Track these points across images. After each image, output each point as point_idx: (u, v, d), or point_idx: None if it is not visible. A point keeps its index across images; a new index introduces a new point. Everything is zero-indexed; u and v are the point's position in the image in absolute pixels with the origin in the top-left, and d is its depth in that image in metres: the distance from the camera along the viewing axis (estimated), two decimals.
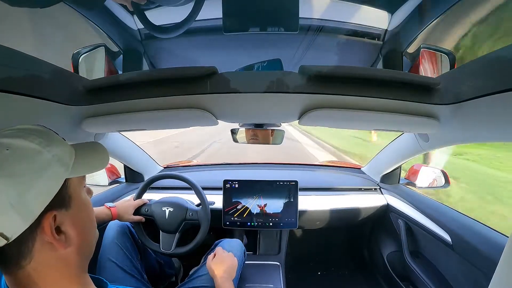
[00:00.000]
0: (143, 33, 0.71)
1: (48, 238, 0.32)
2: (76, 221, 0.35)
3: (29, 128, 0.34)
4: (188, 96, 0.51)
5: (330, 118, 0.61)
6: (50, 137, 0.35)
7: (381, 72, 0.50)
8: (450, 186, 1.17)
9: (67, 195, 0.34)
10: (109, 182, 1.28)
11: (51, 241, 0.32)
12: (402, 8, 0.61)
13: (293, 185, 1.17)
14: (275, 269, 1.13)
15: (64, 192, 0.34)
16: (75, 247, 0.35)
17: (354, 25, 0.67)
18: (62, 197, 0.34)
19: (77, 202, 0.36)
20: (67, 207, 0.34)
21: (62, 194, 0.33)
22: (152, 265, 1.05)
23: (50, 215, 0.32)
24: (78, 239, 0.35)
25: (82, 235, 0.37)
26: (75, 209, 0.35)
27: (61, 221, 0.33)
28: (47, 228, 0.31)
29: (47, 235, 0.31)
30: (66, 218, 0.34)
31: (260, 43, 0.71)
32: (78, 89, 0.53)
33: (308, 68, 0.46)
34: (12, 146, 0.30)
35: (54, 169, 0.32)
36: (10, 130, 0.33)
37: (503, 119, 0.45)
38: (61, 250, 0.33)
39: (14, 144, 0.30)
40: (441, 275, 0.99)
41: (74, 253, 0.35)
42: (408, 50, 0.69)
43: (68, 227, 0.34)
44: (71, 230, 0.34)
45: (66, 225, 0.34)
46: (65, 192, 0.34)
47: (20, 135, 0.32)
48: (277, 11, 0.51)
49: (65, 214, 0.34)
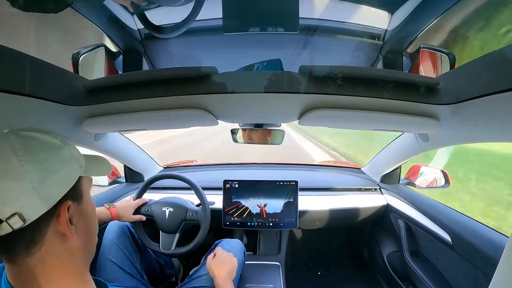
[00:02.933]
0: (143, 33, 0.71)
1: (62, 227, 0.34)
2: (84, 216, 0.39)
3: (46, 129, 0.37)
4: (188, 96, 0.51)
5: (330, 118, 0.61)
6: (67, 140, 0.38)
7: (381, 72, 0.50)
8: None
9: (80, 190, 0.38)
10: (109, 182, 1.28)
11: (63, 230, 0.34)
12: (402, 8, 0.61)
13: (293, 185, 1.17)
14: (275, 269, 1.13)
15: (78, 187, 0.37)
16: (81, 241, 0.38)
17: (354, 25, 0.67)
18: (77, 191, 0.37)
19: (86, 200, 0.39)
20: (79, 201, 0.38)
21: (76, 188, 0.37)
22: (152, 265, 1.05)
23: (66, 204, 0.34)
24: (85, 234, 0.38)
25: (88, 231, 0.40)
26: (84, 205, 0.39)
27: (73, 213, 0.36)
28: (63, 216, 0.34)
29: (61, 223, 0.34)
30: (77, 212, 0.37)
31: (260, 43, 0.71)
32: (78, 89, 0.53)
33: (308, 68, 0.46)
34: (39, 139, 0.34)
35: (72, 164, 0.36)
36: (32, 129, 0.35)
37: (503, 119, 0.45)
38: (70, 241, 0.35)
39: (40, 137, 0.34)
40: (441, 275, 0.99)
41: (80, 247, 0.38)
42: (408, 50, 0.69)
43: (78, 220, 0.37)
44: (80, 223, 0.37)
45: (76, 218, 0.37)
46: (79, 187, 0.37)
47: (45, 131, 0.35)
48: (277, 11, 0.51)
49: (77, 207, 0.37)
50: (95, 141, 0.85)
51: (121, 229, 0.95)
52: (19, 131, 0.33)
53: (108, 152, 1.00)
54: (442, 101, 0.49)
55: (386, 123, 0.61)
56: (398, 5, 0.61)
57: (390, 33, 0.68)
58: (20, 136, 0.32)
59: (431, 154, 3.24)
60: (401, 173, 1.32)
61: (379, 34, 0.69)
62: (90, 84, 0.53)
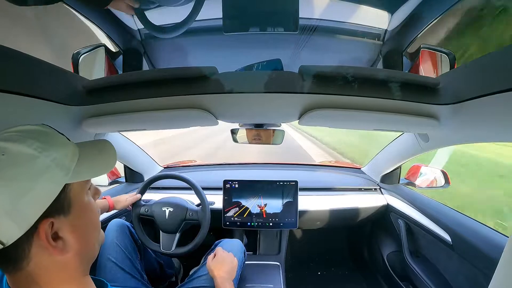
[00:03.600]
0: (143, 33, 0.71)
1: (44, 244, 0.31)
2: (76, 227, 0.34)
3: (29, 129, 0.33)
4: (188, 96, 0.51)
5: (330, 118, 0.61)
6: (50, 139, 0.33)
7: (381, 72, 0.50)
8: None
9: (66, 201, 0.33)
10: (109, 182, 1.28)
11: (46, 247, 0.31)
12: (402, 8, 0.61)
13: (293, 185, 1.17)
14: (275, 269, 1.13)
15: (63, 198, 0.32)
16: (74, 252, 0.34)
17: (354, 25, 0.67)
18: (61, 203, 0.32)
19: (78, 207, 0.35)
20: (66, 213, 0.33)
21: (60, 200, 0.32)
22: (152, 265, 1.05)
23: (47, 222, 0.30)
24: (77, 244, 0.34)
25: (83, 241, 0.35)
26: (75, 215, 0.34)
27: (59, 227, 0.32)
28: (42, 235, 0.30)
29: (43, 242, 0.31)
30: (64, 225, 0.33)
31: (260, 43, 0.70)
32: (78, 89, 0.53)
33: (308, 68, 0.46)
34: (8, 150, 0.29)
35: (53, 174, 0.31)
36: (8, 132, 0.31)
37: (503, 119, 0.45)
38: (58, 256, 0.32)
39: (10, 148, 0.29)
40: (441, 275, 0.99)
41: (73, 258, 0.34)
42: (408, 50, 0.69)
43: (66, 233, 0.33)
44: (70, 236, 0.33)
45: (64, 231, 0.33)
46: (65, 197, 0.33)
47: (17, 138, 0.30)
48: (277, 11, 0.51)
49: (63, 220, 0.33)
50: None
51: (121, 229, 0.95)
52: None
53: None
54: (442, 101, 0.49)
55: (386, 123, 0.61)
56: (398, 5, 0.61)
57: (390, 33, 0.68)
58: None
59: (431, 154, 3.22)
60: (401, 173, 1.32)
61: (379, 34, 0.69)
62: (90, 84, 0.53)
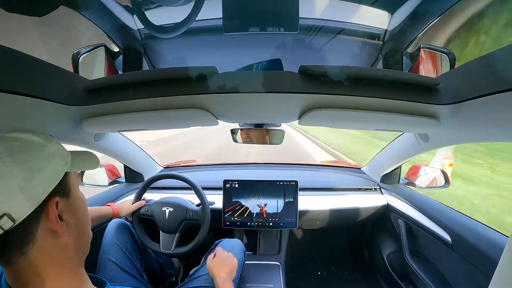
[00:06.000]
0: (143, 33, 0.71)
1: (52, 223, 0.34)
2: (74, 212, 0.39)
3: (27, 129, 0.37)
4: (188, 96, 0.51)
5: (330, 118, 0.61)
6: (51, 137, 0.38)
7: (381, 72, 0.50)
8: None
9: (67, 186, 0.38)
10: (109, 182, 1.28)
11: (54, 227, 0.34)
12: (402, 8, 0.61)
13: (293, 185, 1.17)
14: (275, 269, 1.13)
15: (65, 183, 0.37)
16: (73, 237, 0.38)
17: (354, 25, 0.67)
18: (63, 187, 0.37)
19: (75, 195, 0.39)
20: (68, 197, 0.38)
21: (63, 184, 0.37)
22: (152, 265, 1.05)
23: (54, 201, 0.34)
24: (76, 229, 0.39)
25: (80, 227, 0.40)
26: (73, 200, 0.39)
27: (62, 209, 0.36)
28: (52, 213, 0.34)
29: (51, 220, 0.34)
30: (66, 207, 0.37)
31: (260, 43, 0.71)
32: (78, 89, 0.53)
33: (308, 68, 0.46)
34: (21, 139, 0.34)
35: (57, 161, 0.36)
36: (15, 130, 0.36)
37: (503, 119, 0.45)
38: (62, 238, 0.35)
39: (22, 137, 0.34)
40: (441, 275, 0.99)
41: (72, 243, 0.38)
42: (408, 50, 0.69)
43: (68, 216, 0.37)
44: (71, 219, 0.37)
45: (66, 213, 0.37)
46: (66, 182, 0.38)
47: (26, 131, 0.35)
48: (277, 11, 0.51)
49: (66, 203, 0.37)
50: (95, 141, 0.85)
51: (121, 229, 0.95)
52: (0, 134, 0.34)
53: (108, 152, 1.00)
54: (442, 101, 0.49)
55: (386, 123, 0.61)
56: (398, 5, 0.61)
57: (390, 33, 0.68)
58: (2, 138, 0.33)
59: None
60: (401, 173, 1.32)
61: (379, 34, 0.69)
62: (90, 84, 0.53)
